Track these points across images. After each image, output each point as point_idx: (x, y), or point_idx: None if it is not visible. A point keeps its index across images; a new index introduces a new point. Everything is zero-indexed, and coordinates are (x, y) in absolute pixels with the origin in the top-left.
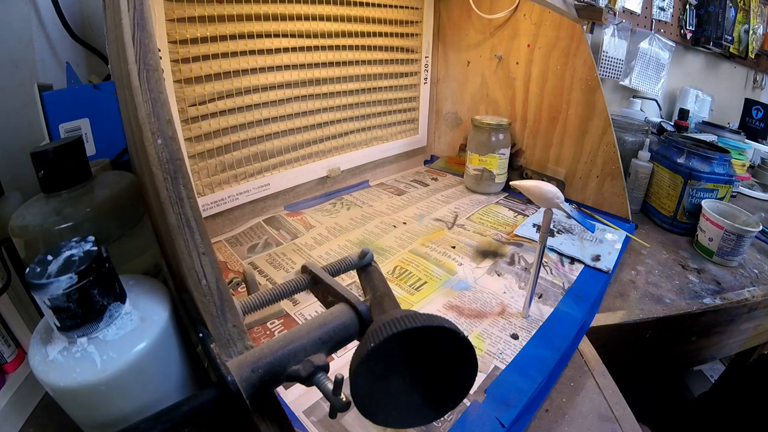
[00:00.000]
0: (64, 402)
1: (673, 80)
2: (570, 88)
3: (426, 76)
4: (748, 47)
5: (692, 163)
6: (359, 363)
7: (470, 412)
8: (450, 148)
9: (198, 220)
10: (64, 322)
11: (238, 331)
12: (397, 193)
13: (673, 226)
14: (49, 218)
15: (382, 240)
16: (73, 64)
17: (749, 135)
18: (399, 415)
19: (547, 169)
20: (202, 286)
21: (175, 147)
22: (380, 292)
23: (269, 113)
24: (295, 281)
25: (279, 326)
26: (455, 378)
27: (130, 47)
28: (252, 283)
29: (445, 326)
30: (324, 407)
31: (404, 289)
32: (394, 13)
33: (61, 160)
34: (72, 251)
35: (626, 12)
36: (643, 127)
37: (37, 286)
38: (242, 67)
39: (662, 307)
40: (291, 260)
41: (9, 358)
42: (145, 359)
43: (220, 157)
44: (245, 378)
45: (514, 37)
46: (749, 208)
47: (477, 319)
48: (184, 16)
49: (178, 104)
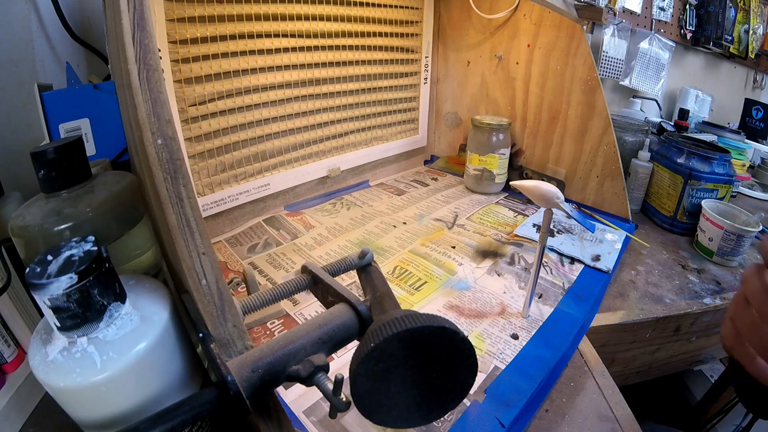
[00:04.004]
0: (64, 402)
1: (673, 80)
2: (570, 88)
3: (426, 76)
4: (748, 47)
5: (692, 163)
6: (359, 363)
7: (470, 412)
8: (450, 148)
9: (198, 220)
10: (64, 322)
11: (238, 331)
12: (397, 193)
13: (673, 226)
14: (49, 218)
15: (382, 240)
16: (73, 64)
17: (749, 135)
18: (399, 415)
19: (547, 169)
20: (202, 286)
21: (175, 147)
22: (380, 292)
23: (269, 113)
24: (295, 281)
25: (279, 326)
26: (455, 378)
27: (130, 47)
28: (252, 283)
29: (445, 326)
30: (324, 407)
31: (404, 289)
32: (394, 13)
33: (61, 160)
34: (72, 251)
35: (626, 12)
36: (643, 127)
37: (37, 286)
38: (242, 67)
39: (662, 307)
40: (291, 260)
41: (9, 358)
42: (145, 359)
43: (220, 157)
44: (245, 378)
45: (514, 37)
46: (749, 208)
47: (477, 319)
48: (184, 16)
49: (178, 104)
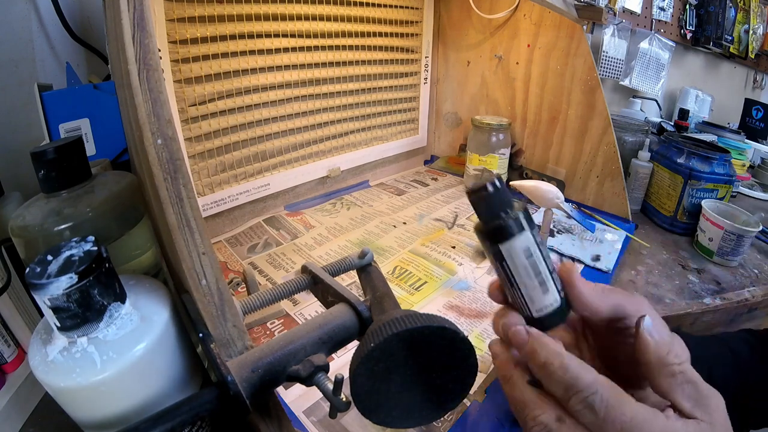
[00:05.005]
0: (64, 402)
1: (673, 80)
2: (570, 88)
3: (426, 76)
4: (748, 47)
5: (692, 163)
6: (359, 363)
7: (470, 412)
8: (450, 148)
9: (198, 220)
10: (64, 322)
11: (238, 331)
12: (397, 193)
13: (673, 226)
14: (49, 218)
15: (382, 240)
16: (73, 64)
17: (749, 135)
18: (399, 415)
19: (547, 169)
20: (202, 286)
21: (175, 147)
22: (380, 292)
23: (269, 113)
24: (295, 281)
25: (279, 326)
26: (455, 378)
27: (130, 47)
28: (252, 283)
29: (445, 326)
30: (324, 407)
31: (404, 289)
32: (394, 13)
33: (61, 160)
34: (72, 251)
35: (626, 12)
36: (643, 127)
37: (37, 286)
38: (242, 67)
39: (662, 307)
40: (291, 260)
41: (9, 358)
42: (145, 359)
43: (220, 157)
44: (245, 378)
45: (514, 37)
46: (749, 208)
47: (477, 319)
48: (184, 16)
49: (178, 104)
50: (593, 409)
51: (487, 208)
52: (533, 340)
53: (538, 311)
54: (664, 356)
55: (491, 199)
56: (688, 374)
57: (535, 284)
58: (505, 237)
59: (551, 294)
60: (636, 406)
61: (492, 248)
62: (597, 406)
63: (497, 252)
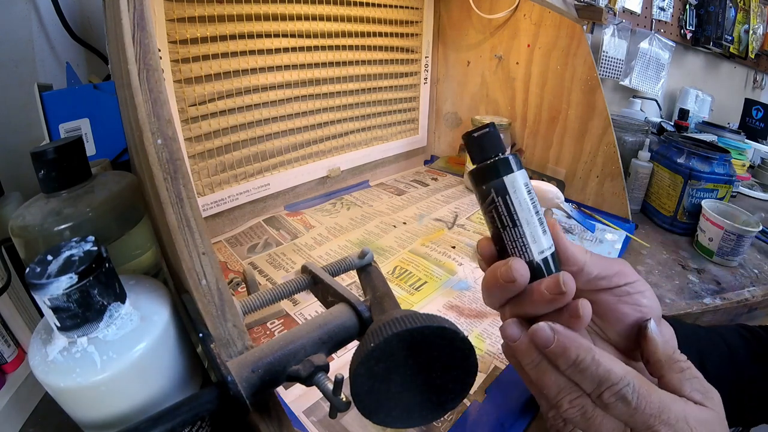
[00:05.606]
0: (64, 402)
1: (673, 80)
2: (570, 88)
3: (426, 76)
4: (748, 47)
5: (692, 163)
6: (359, 363)
7: (470, 412)
8: (450, 148)
9: (198, 220)
10: (64, 322)
11: (238, 331)
12: (397, 193)
13: (673, 226)
14: (49, 218)
15: (382, 240)
16: (73, 64)
17: (749, 135)
18: (399, 415)
19: (547, 169)
20: (202, 286)
21: (175, 147)
22: (380, 292)
23: (269, 113)
24: (295, 281)
25: (279, 326)
26: (455, 378)
27: (130, 47)
28: (252, 283)
29: (445, 326)
30: (324, 407)
31: (404, 289)
32: (394, 13)
33: (61, 160)
34: (72, 251)
35: (626, 12)
36: (643, 127)
37: (37, 286)
38: (242, 67)
39: (662, 307)
40: (291, 260)
41: (9, 358)
42: (145, 359)
43: (220, 157)
44: (245, 378)
45: (514, 37)
46: (749, 208)
47: (477, 319)
48: (184, 16)
49: (178, 104)
50: (626, 400)
51: (490, 145)
52: (563, 337)
53: (541, 252)
54: (672, 354)
55: (493, 137)
56: (693, 370)
57: (536, 222)
58: (510, 169)
59: (548, 235)
60: (661, 393)
61: (495, 184)
62: (630, 397)
63: (501, 187)
